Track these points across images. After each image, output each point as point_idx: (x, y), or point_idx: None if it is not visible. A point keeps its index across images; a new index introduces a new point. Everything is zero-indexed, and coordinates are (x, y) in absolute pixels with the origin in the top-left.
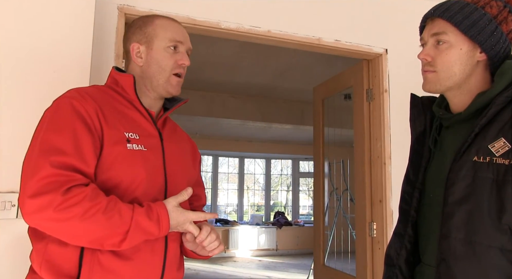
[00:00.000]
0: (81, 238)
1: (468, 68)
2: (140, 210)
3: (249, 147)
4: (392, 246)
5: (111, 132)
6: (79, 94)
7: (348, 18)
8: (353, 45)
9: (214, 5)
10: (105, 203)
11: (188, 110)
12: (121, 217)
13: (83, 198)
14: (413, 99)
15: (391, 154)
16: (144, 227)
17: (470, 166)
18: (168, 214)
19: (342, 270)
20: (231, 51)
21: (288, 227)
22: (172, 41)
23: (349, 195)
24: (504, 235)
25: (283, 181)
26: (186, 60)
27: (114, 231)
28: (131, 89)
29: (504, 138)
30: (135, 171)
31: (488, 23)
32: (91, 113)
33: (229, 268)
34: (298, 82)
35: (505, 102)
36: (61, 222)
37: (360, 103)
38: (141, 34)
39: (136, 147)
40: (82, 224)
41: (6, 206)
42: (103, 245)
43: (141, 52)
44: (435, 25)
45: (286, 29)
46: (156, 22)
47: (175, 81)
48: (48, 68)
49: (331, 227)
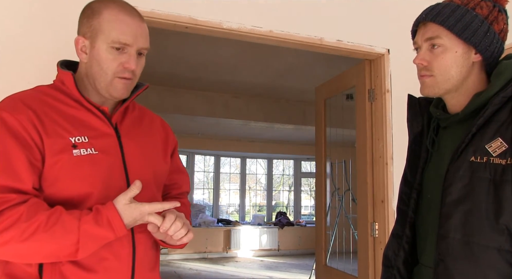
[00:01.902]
0: (30, 257)
1: (464, 70)
2: (87, 218)
3: (251, 147)
4: (390, 247)
5: (52, 140)
6: (12, 104)
7: (350, 18)
8: (355, 45)
9: (216, 5)
10: (45, 219)
11: (190, 110)
12: (66, 231)
13: (18, 219)
14: (410, 100)
15: (393, 154)
16: (95, 234)
17: (468, 166)
18: (119, 214)
19: (344, 270)
20: (233, 51)
21: (290, 227)
22: (116, 42)
23: (351, 195)
24: (502, 236)
25: (285, 181)
26: (132, 63)
27: (62, 245)
28: (73, 87)
29: (501, 138)
30: (85, 181)
31: (480, 24)
32: (25, 124)
33: (231, 268)
34: (300, 82)
35: (502, 102)
36: (1, 247)
37: (362, 103)
38: (87, 26)
39: (84, 152)
40: (23, 245)
41: None
42: (59, 257)
43: (86, 47)
44: (428, 30)
45: (288, 29)
46: (104, 15)
47: (120, 84)
48: (50, 67)
49: (333, 227)
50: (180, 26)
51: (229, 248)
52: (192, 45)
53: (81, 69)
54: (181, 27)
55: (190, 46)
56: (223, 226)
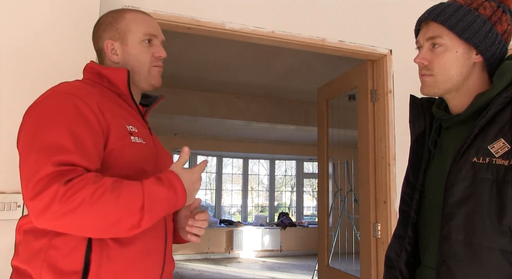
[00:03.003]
0: (96, 226)
1: (465, 70)
2: (149, 181)
3: (253, 148)
4: (392, 248)
5: (117, 125)
6: (81, 91)
7: (352, 19)
8: (357, 45)
9: (218, 6)
10: (111, 183)
11: (192, 111)
12: (131, 192)
13: (87, 182)
14: (412, 101)
15: (395, 154)
16: (159, 195)
17: (470, 167)
18: (178, 176)
19: (346, 271)
20: (235, 52)
21: (292, 228)
22: (147, 35)
23: (353, 196)
24: (505, 237)
25: (287, 182)
26: (162, 52)
27: (128, 209)
28: (123, 84)
29: (503, 139)
30: (138, 165)
31: (482, 25)
32: (94, 108)
33: (233, 269)
34: (302, 83)
35: (504, 102)
36: (71, 212)
37: (365, 103)
38: (113, 30)
39: (137, 140)
40: (93, 208)
41: (12, 206)
42: (122, 229)
43: (116, 48)
44: (429, 29)
45: (290, 30)
46: (127, 17)
47: (156, 71)
48: (53, 68)
49: (335, 228)
50: (182, 27)
51: (231, 249)
52: (195, 46)
53: None
54: (183, 28)
55: (193, 47)
56: (225, 226)
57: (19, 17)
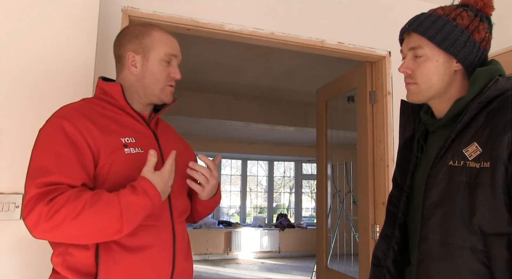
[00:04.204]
0: (83, 236)
1: (446, 78)
2: (125, 191)
3: (252, 149)
4: (379, 247)
5: (107, 139)
6: (70, 113)
7: (351, 21)
8: (356, 47)
9: (217, 7)
10: (89, 197)
11: (191, 112)
12: (108, 205)
13: (67, 200)
14: (403, 106)
15: (394, 156)
16: (134, 203)
17: (446, 170)
18: (151, 181)
19: (345, 272)
20: (234, 53)
21: (291, 229)
22: (168, 55)
23: (352, 197)
24: (475, 236)
25: (286, 183)
26: (178, 74)
27: (109, 218)
28: (120, 97)
29: (476, 143)
30: (133, 174)
31: (460, 35)
32: (82, 130)
33: (232, 270)
34: (301, 84)
35: (478, 108)
36: (56, 228)
37: (364, 105)
38: (138, 44)
39: (133, 151)
40: (74, 223)
41: (10, 207)
42: (108, 235)
43: (136, 61)
44: (411, 40)
45: (289, 31)
46: (154, 35)
47: (169, 91)
48: (52, 71)
49: (334, 229)
50: (181, 28)
51: (230, 250)
52: (194, 47)
53: (128, 81)
54: (183, 29)
55: (192, 48)
56: (224, 228)
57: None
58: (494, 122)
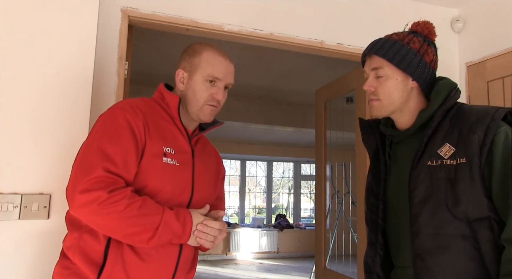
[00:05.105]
0: (116, 231)
1: (405, 94)
2: (170, 212)
3: (251, 149)
4: (368, 254)
5: (153, 144)
6: (132, 108)
7: (351, 22)
8: (355, 48)
9: (216, 8)
10: (141, 202)
11: None
12: (152, 215)
13: (124, 197)
14: (361, 123)
15: None
16: (172, 227)
17: (426, 169)
18: (193, 220)
19: (343, 273)
20: (234, 53)
21: (290, 230)
22: (210, 76)
23: (351, 198)
24: (462, 222)
25: (285, 184)
26: (220, 95)
27: (145, 228)
28: (175, 109)
29: (448, 143)
30: (163, 183)
31: (414, 57)
32: (140, 127)
33: (230, 271)
34: (300, 85)
35: (443, 114)
36: (103, 215)
37: (362, 106)
38: (188, 62)
39: (170, 161)
40: (119, 218)
41: (9, 207)
42: (134, 240)
43: (184, 78)
44: (373, 61)
45: (288, 32)
46: (204, 55)
47: (208, 110)
48: (51, 69)
49: (332, 230)
50: (181, 29)
51: (228, 251)
52: None
53: (178, 94)
54: (182, 30)
55: None
56: None
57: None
58: (460, 125)
